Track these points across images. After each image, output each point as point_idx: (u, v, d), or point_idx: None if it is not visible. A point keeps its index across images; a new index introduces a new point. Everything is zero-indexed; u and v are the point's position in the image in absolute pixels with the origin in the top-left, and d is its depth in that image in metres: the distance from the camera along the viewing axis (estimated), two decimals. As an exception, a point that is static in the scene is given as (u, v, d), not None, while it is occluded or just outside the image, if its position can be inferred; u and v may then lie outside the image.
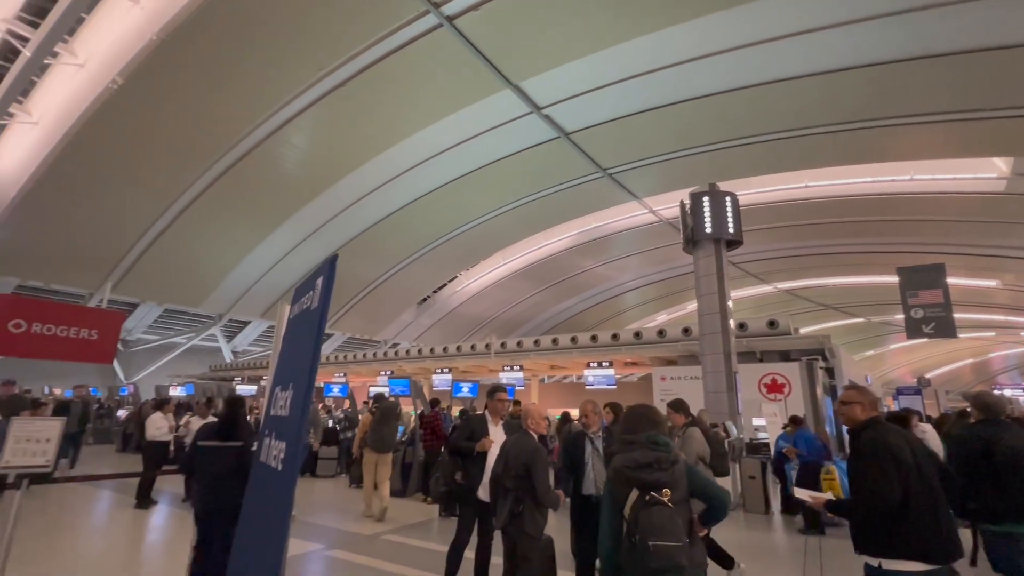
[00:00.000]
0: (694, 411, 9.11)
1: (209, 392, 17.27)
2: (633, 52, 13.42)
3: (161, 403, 7.16)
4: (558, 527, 4.49)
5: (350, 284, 25.73)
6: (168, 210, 18.98)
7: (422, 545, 5.36)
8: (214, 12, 12.75)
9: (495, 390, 4.27)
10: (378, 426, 6.81)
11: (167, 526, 5.97)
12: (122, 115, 14.80)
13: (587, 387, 14.47)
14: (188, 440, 6.48)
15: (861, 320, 37.78)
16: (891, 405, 23.16)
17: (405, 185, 20.83)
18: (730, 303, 9.45)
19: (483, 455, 3.97)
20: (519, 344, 16.08)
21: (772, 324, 12.07)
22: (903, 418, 5.06)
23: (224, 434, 3.72)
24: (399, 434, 8.70)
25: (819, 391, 10.49)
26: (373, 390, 15.58)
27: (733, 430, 8.65)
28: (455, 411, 11.61)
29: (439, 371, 15.71)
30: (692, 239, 10.21)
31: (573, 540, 4.11)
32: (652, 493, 2.08)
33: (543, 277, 31.92)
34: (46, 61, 13.45)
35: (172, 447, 7.23)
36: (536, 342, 15.82)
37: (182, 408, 10.43)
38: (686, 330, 13.29)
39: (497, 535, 3.50)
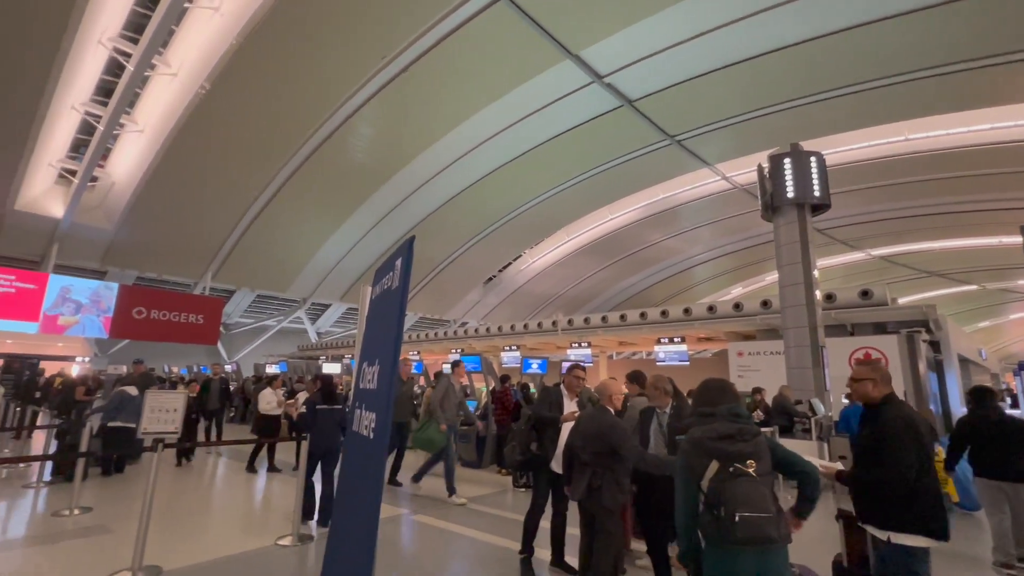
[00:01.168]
0: (774, 387, 8.69)
1: (300, 370, 18.79)
2: (701, 6, 12.53)
3: (271, 380, 7.75)
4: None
5: (419, 265, 26.69)
6: (255, 203, 20.55)
7: (498, 513, 5.60)
8: (282, 12, 13.41)
9: (573, 367, 4.31)
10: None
11: (275, 487, 6.64)
12: (211, 118, 16.09)
13: (658, 363, 14.15)
14: (296, 411, 7.15)
15: (974, 288, 33.60)
16: (1011, 382, 20.58)
17: (468, 166, 21.08)
18: (816, 273, 8.76)
19: (557, 428, 4.05)
20: (586, 321, 15.98)
21: (865, 294, 11.08)
22: (985, 393, 4.54)
23: (327, 401, 5.22)
24: (472, 408, 9.15)
25: (922, 366, 9.55)
26: (446, 367, 16.20)
27: (820, 408, 8.15)
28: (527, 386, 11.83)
29: (507, 348, 16.01)
30: (772, 205, 9.51)
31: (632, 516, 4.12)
32: (736, 464, 2.04)
33: (609, 252, 31.29)
34: (146, 73, 14.83)
35: (283, 419, 7.87)
36: (604, 318, 15.64)
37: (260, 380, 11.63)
38: (765, 303, 12.53)
39: (573, 506, 3.58)
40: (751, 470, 2.03)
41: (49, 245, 19.13)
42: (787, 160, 9.32)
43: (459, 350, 17.14)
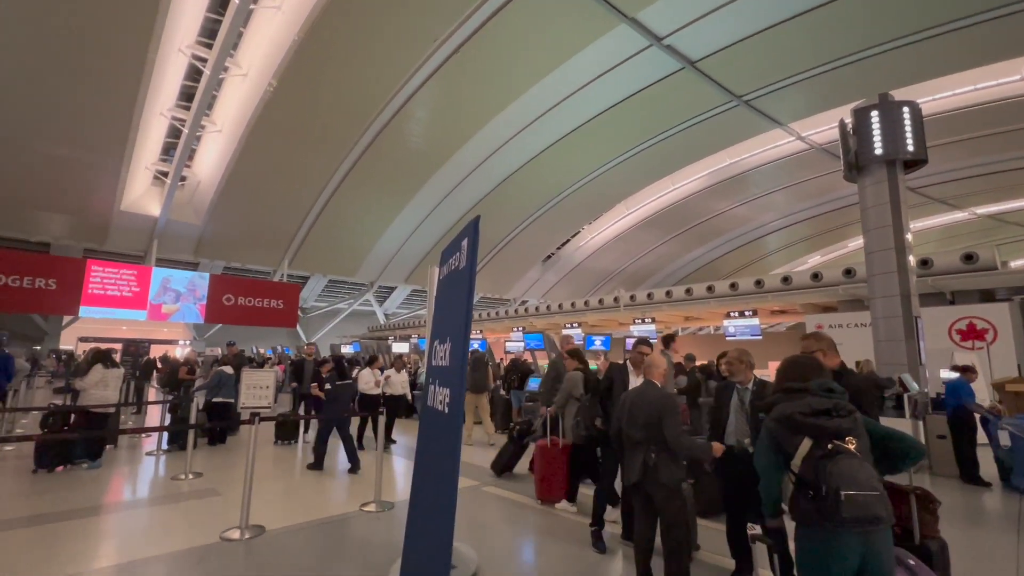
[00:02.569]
0: (855, 360, 8.06)
1: (371, 350, 19.82)
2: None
3: (372, 360, 7.93)
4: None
5: (479, 245, 27.01)
6: (322, 192, 21.62)
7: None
8: (338, 4, 13.76)
9: (638, 343, 4.24)
10: (472, 372, 8.28)
11: (365, 460, 7.13)
12: (279, 113, 16.97)
13: (727, 337, 13.59)
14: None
15: (1107, 247, 29.26)
16: None
17: (523, 144, 20.91)
18: (909, 236, 7.95)
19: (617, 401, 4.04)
20: (649, 296, 15.55)
21: (969, 258, 9.93)
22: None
23: (342, 378, 6.62)
24: (533, 385, 9.38)
25: (1038, 336, 8.49)
26: (510, 345, 16.51)
27: (912, 384, 7.48)
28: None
29: (569, 326, 16.00)
30: (856, 164, 8.65)
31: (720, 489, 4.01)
32: (835, 442, 1.93)
33: (672, 224, 30.14)
34: (221, 76, 15.83)
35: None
36: (668, 293, 15.15)
37: (351, 363, 12.30)
38: (848, 271, 11.57)
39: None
40: (851, 447, 1.92)
41: (150, 241, 21.22)
42: (875, 113, 8.41)
43: (520, 328, 17.34)
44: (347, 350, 23.69)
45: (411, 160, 21.01)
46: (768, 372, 5.76)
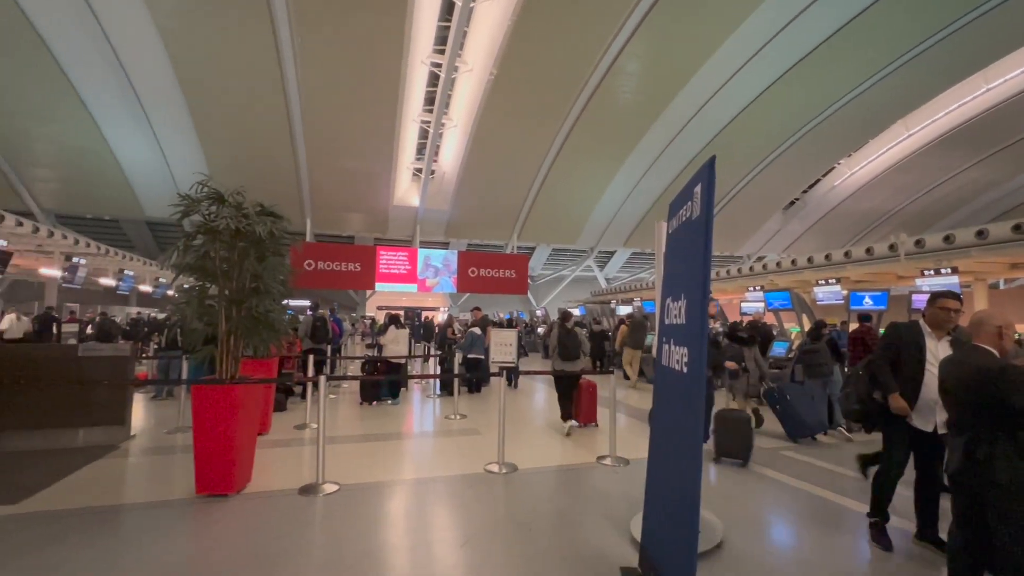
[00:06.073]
0: None
1: (595, 313, 20.47)
2: None
3: (622, 322, 9.23)
4: None
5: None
6: (542, 165, 22.88)
7: (827, 467, 4.89)
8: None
9: (937, 296, 3.26)
10: (633, 332, 10.08)
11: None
12: (500, 97, 18.45)
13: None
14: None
15: None
16: None
17: (748, 78, 18.10)
18: None
19: (917, 373, 3.16)
20: (947, 240, 11.74)
21: None
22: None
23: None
24: (779, 350, 8.32)
25: None
26: (745, 307, 14.89)
27: None
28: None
29: (822, 282, 13.42)
30: None
31: None
32: None
33: (980, 142, 22.22)
34: (452, 76, 18.02)
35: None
36: (980, 233, 11.19)
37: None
38: None
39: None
40: None
41: (414, 227, 26.01)
42: None
43: (758, 287, 15.38)
44: (576, 313, 25.17)
45: (623, 120, 20.40)
46: None
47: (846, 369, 7.11)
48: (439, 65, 17.66)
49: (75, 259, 14.78)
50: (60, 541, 3.09)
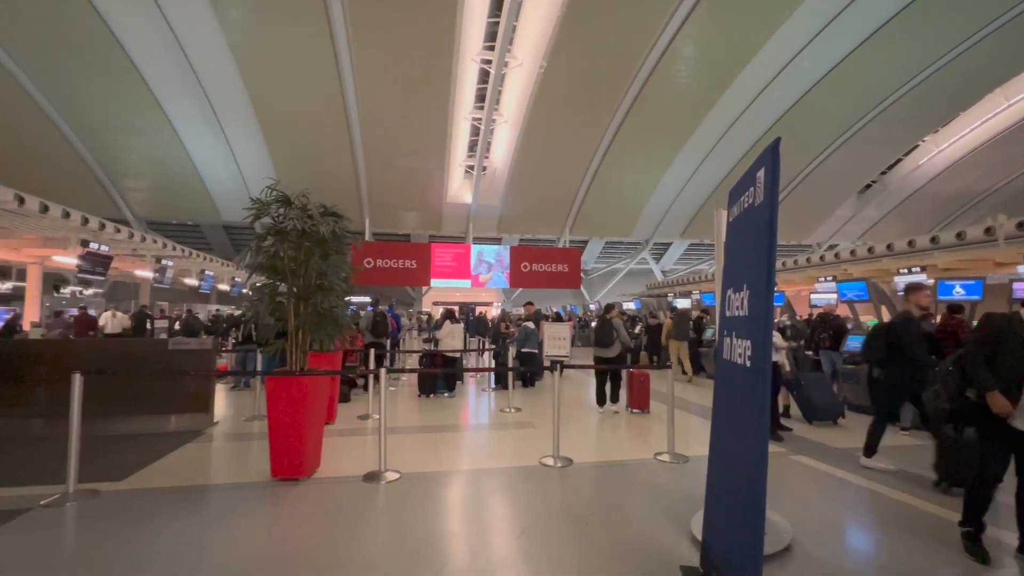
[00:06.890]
0: None
1: (651, 307, 19.97)
2: None
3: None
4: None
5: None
6: (593, 158, 22.51)
7: (913, 472, 4.51)
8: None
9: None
10: (677, 324, 10.21)
11: (653, 410, 7.37)
12: (550, 90, 18.31)
13: None
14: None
15: None
16: None
17: (815, 54, 16.91)
18: None
19: (1020, 369, 2.85)
20: (1056, 221, 10.47)
21: None
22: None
23: None
24: (852, 344, 7.81)
25: None
26: (815, 298, 14.00)
27: None
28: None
29: (904, 271, 12.36)
30: None
31: None
32: None
33: (1102, 107, 19.50)
34: (503, 72, 18.07)
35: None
36: (1098, 213, 9.88)
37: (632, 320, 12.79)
38: None
39: None
40: None
41: (467, 223, 26.41)
42: None
43: (830, 277, 14.39)
44: (630, 307, 24.66)
45: (678, 106, 19.67)
46: None
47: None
48: (489, 62, 17.78)
49: (164, 261, 16.23)
50: (159, 515, 3.42)
